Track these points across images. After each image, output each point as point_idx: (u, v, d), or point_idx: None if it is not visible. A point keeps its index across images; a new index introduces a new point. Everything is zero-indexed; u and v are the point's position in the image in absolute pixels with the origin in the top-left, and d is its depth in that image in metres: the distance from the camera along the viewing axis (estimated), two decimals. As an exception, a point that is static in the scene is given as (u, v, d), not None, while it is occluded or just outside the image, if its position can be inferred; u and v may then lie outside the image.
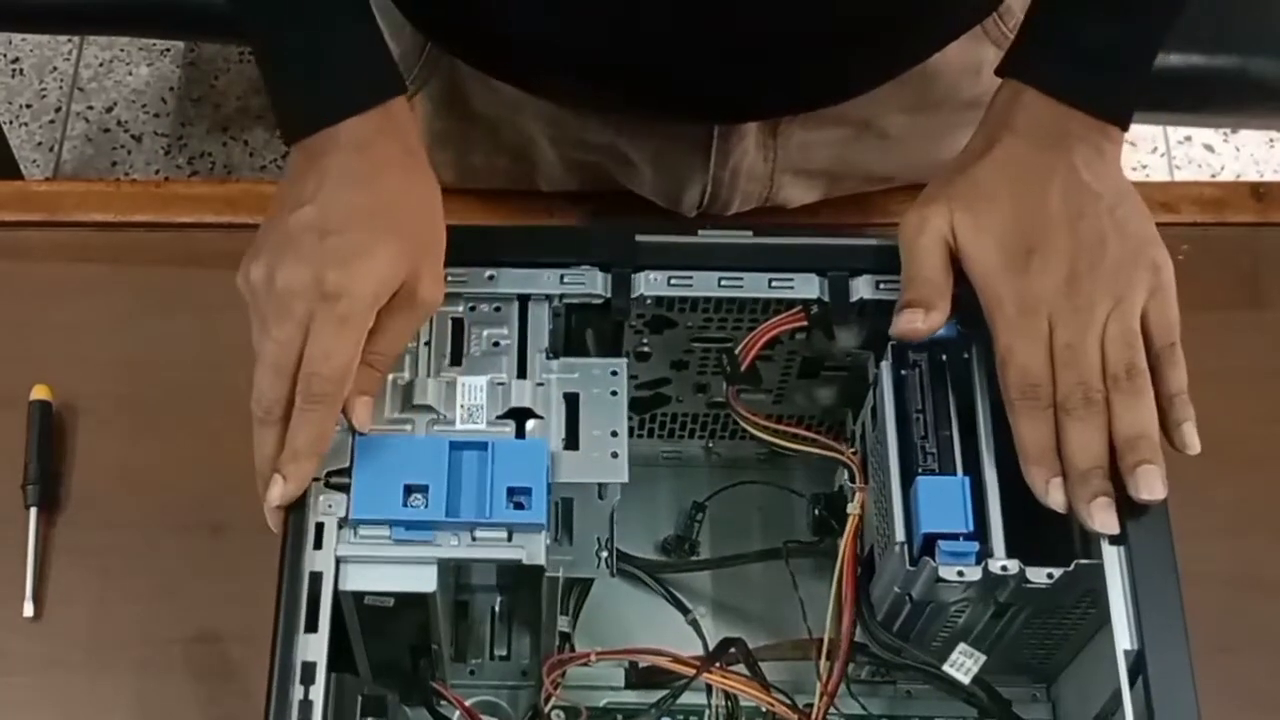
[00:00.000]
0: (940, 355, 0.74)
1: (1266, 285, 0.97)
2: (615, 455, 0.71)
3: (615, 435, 0.72)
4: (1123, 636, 0.67)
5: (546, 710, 0.78)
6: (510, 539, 0.69)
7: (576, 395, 0.73)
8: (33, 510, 0.87)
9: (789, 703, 0.76)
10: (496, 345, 0.74)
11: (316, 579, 0.67)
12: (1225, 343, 0.91)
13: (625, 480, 0.71)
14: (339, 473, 0.69)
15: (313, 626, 0.66)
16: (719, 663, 0.75)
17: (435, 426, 0.71)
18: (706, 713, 0.77)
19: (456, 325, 0.74)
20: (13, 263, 0.96)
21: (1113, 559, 0.68)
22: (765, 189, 0.94)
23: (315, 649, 0.66)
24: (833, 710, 0.76)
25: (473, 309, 0.75)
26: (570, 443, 0.72)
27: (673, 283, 0.76)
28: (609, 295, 0.75)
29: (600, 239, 0.77)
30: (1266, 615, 0.86)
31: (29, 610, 0.85)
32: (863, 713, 0.81)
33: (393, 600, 0.69)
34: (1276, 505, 0.89)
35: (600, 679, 0.82)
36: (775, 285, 0.76)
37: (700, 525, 0.87)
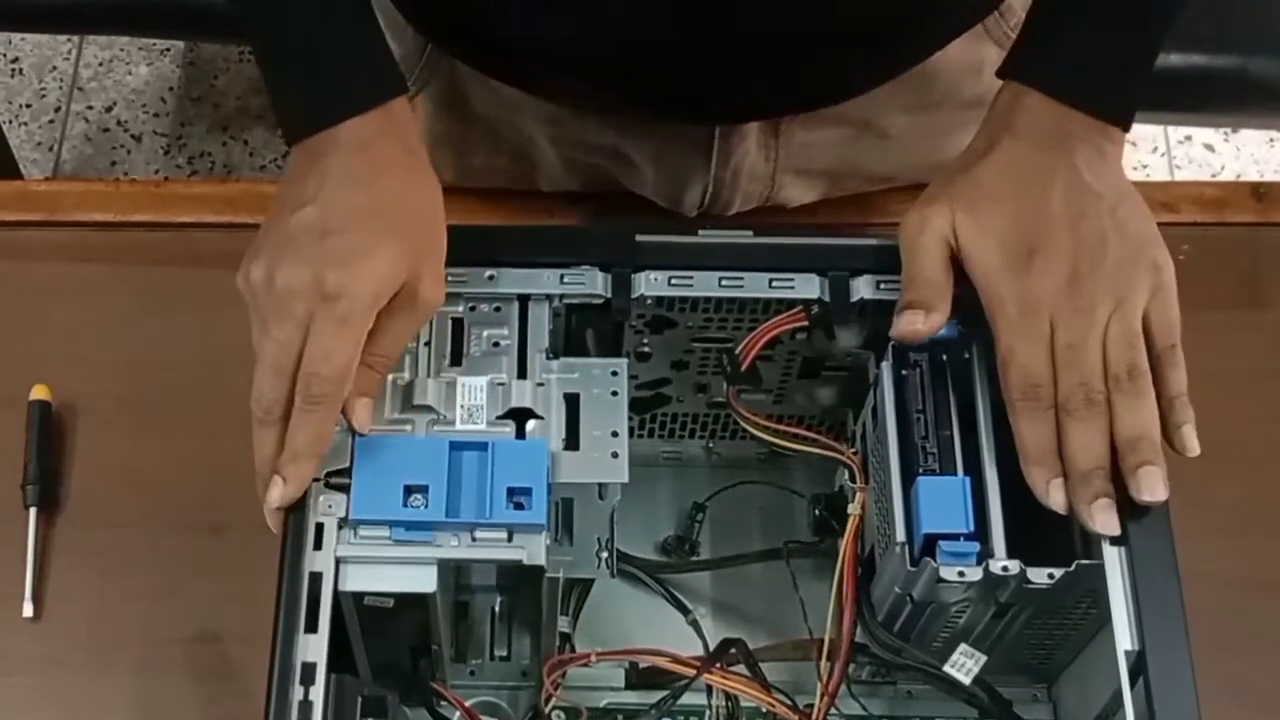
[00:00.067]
0: (941, 355, 0.74)
1: (1266, 285, 0.97)
2: (615, 455, 0.71)
3: (615, 435, 0.72)
4: (1123, 637, 0.67)
5: (547, 711, 0.78)
6: (510, 539, 0.69)
7: (577, 395, 0.73)
8: (32, 510, 0.87)
9: (789, 703, 0.76)
10: (496, 345, 0.74)
11: (316, 579, 0.67)
12: (1225, 343, 0.91)
13: (625, 480, 0.71)
14: (339, 473, 0.69)
15: (313, 627, 0.66)
16: (719, 663, 0.75)
17: (435, 427, 0.71)
18: (707, 713, 0.77)
19: (456, 325, 0.74)
20: (12, 263, 0.96)
21: (1113, 559, 0.68)
22: (766, 189, 0.94)
23: (315, 649, 0.66)
24: (833, 711, 0.76)
25: (473, 309, 0.75)
26: (570, 443, 0.72)
27: (673, 283, 0.75)
28: (609, 295, 0.75)
29: (600, 239, 0.77)
30: (1266, 615, 0.86)
31: (29, 610, 0.85)
32: (863, 713, 0.81)
33: (393, 601, 0.69)
34: (1276, 505, 0.89)
35: (600, 679, 0.82)
36: (776, 285, 0.76)
37: (700, 525, 0.87)
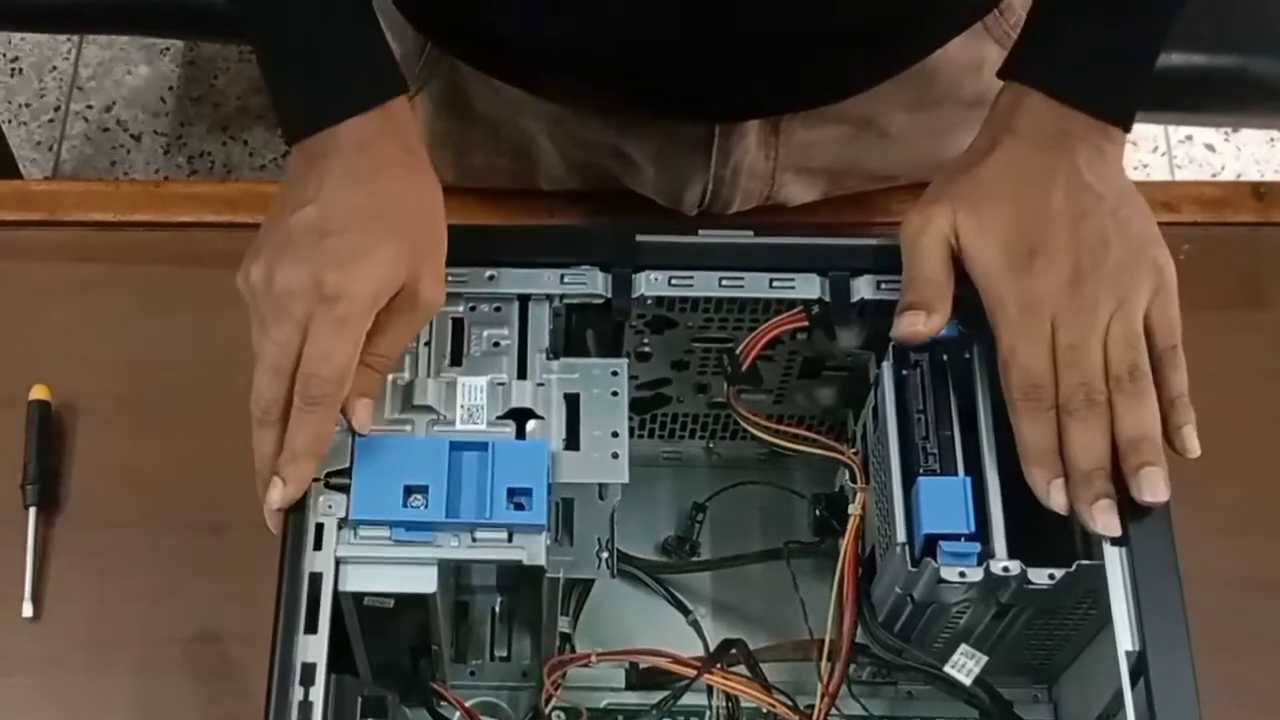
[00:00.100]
0: (941, 355, 0.74)
1: (1267, 285, 0.97)
2: (616, 455, 0.71)
3: (616, 435, 0.71)
4: (1124, 637, 0.67)
5: (547, 711, 0.78)
6: (510, 540, 0.69)
7: (577, 395, 0.72)
8: (32, 510, 0.87)
9: (790, 704, 0.75)
10: (497, 345, 0.74)
11: (316, 580, 0.67)
12: (1225, 343, 0.91)
13: (626, 481, 0.71)
14: (339, 473, 0.69)
15: (312, 627, 0.66)
16: (720, 664, 0.75)
17: (435, 427, 0.71)
18: (707, 714, 0.77)
19: (456, 325, 0.74)
20: (12, 262, 0.96)
21: (1114, 560, 0.68)
22: (766, 187, 0.94)
23: (315, 650, 0.66)
24: (834, 711, 0.76)
25: (473, 309, 0.75)
26: (571, 443, 0.71)
27: (673, 283, 0.75)
28: (609, 295, 0.75)
29: (601, 239, 0.77)
30: (1267, 615, 0.85)
31: (28, 610, 0.85)
32: (864, 714, 0.81)
33: (393, 601, 0.69)
34: (1276, 505, 0.89)
35: (601, 680, 0.82)
36: (776, 285, 0.75)
37: (701, 526, 0.87)
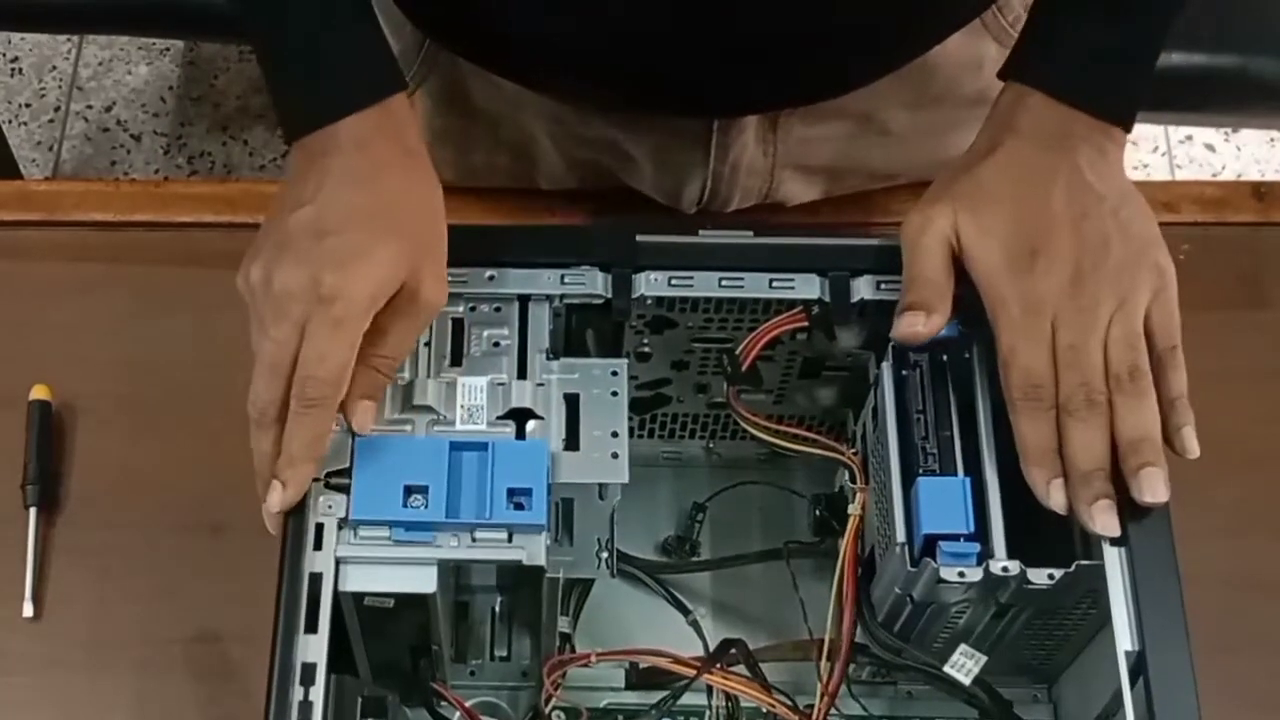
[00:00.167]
0: (941, 355, 0.74)
1: (1267, 285, 0.97)
2: (615, 456, 0.71)
3: (615, 436, 0.72)
4: (1124, 637, 0.67)
5: (547, 711, 0.78)
6: (510, 540, 0.69)
7: (577, 396, 0.72)
8: (32, 510, 0.87)
9: (790, 704, 0.75)
10: (496, 345, 0.74)
11: (316, 580, 0.67)
12: (1225, 343, 0.91)
13: (625, 481, 0.71)
14: (339, 473, 0.69)
15: (313, 627, 0.66)
16: (719, 663, 0.75)
17: (435, 427, 0.71)
18: (707, 714, 0.77)
19: (456, 325, 0.74)
20: (12, 262, 0.96)
21: (1113, 560, 0.68)
22: (765, 184, 0.94)
23: (315, 650, 0.66)
24: (833, 711, 0.76)
25: (473, 309, 0.75)
26: (570, 443, 0.71)
27: (673, 283, 0.75)
28: (609, 295, 0.75)
29: (601, 239, 0.77)
30: (1266, 615, 0.85)
31: (29, 610, 0.85)
32: (863, 714, 0.81)
33: (393, 601, 0.69)
34: (1276, 505, 0.89)
35: (601, 680, 0.82)
36: (776, 285, 0.75)
37: (701, 526, 0.87)
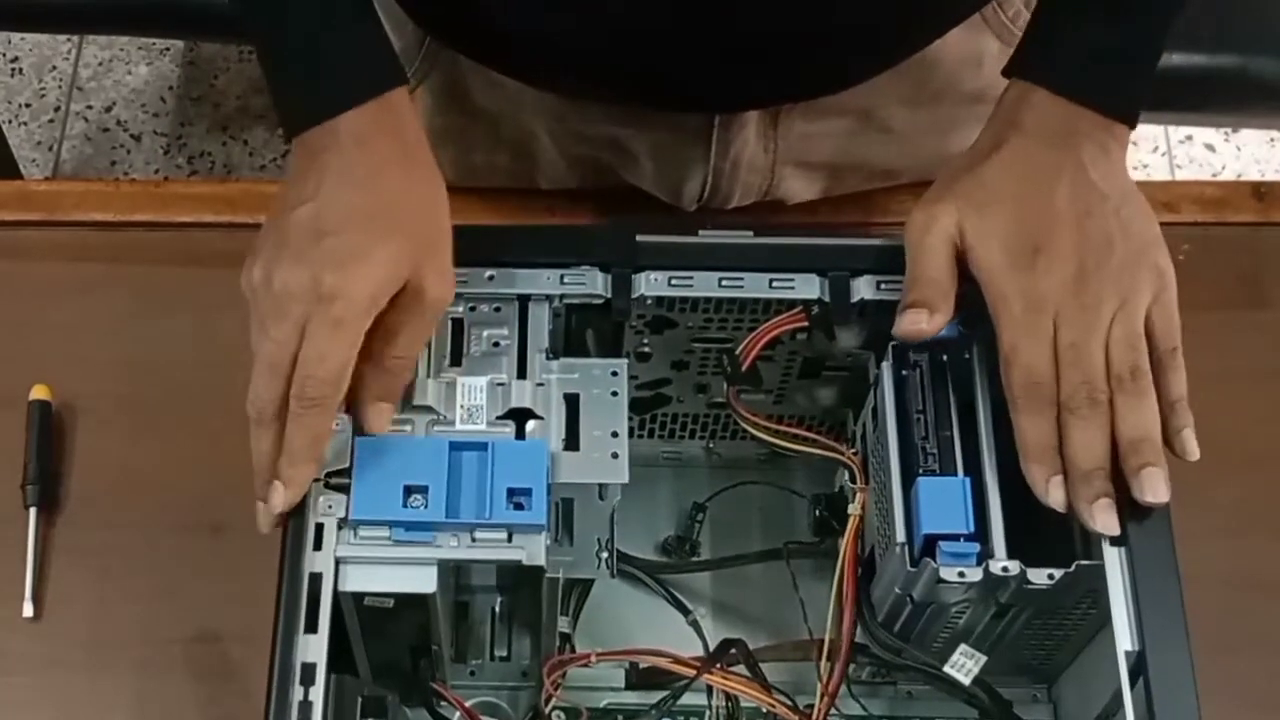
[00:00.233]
0: (941, 355, 0.74)
1: (1267, 285, 0.97)
2: (615, 456, 0.71)
3: (615, 436, 0.71)
4: (1124, 637, 0.67)
5: (547, 711, 0.78)
6: (510, 540, 0.69)
7: (577, 396, 0.72)
8: (32, 510, 0.87)
9: (790, 704, 0.75)
10: (496, 345, 0.74)
11: (316, 580, 0.67)
12: (1225, 343, 0.91)
13: (625, 481, 0.71)
14: (339, 473, 0.69)
15: (312, 627, 0.66)
16: (719, 663, 0.75)
17: (435, 427, 0.71)
18: (707, 714, 0.77)
19: (456, 325, 0.74)
20: (12, 262, 0.96)
21: (1113, 560, 0.68)
22: (766, 181, 0.94)
23: (315, 650, 0.66)
24: (833, 711, 0.76)
25: (473, 309, 0.75)
26: (570, 443, 0.71)
27: (673, 283, 0.75)
28: (609, 295, 0.75)
29: (601, 239, 0.77)
30: (1266, 615, 0.85)
31: (29, 610, 0.85)
32: (863, 713, 0.81)
33: (392, 601, 0.69)
34: (1276, 505, 0.89)
35: (600, 680, 0.82)
36: (776, 285, 0.75)
37: (701, 526, 0.87)
